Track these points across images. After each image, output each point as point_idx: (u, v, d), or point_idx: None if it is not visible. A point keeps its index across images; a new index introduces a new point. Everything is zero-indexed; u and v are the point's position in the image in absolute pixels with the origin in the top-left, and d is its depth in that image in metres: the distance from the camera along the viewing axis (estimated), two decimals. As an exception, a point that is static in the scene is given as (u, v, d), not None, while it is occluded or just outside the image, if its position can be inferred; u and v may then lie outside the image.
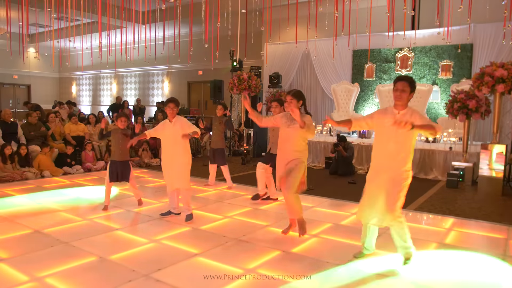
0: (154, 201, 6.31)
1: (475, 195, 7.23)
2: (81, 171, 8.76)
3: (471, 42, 10.75)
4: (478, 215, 5.81)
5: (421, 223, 5.36)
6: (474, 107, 7.89)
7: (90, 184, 7.51)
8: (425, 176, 8.86)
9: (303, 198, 6.47)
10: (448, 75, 11.11)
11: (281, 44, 13.28)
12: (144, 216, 5.47)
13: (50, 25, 17.52)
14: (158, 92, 20.04)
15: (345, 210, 5.90)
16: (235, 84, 10.23)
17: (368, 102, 12.37)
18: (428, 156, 8.91)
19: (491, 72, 7.25)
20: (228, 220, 5.32)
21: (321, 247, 4.38)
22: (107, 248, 4.19)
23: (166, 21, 13.35)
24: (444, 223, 5.35)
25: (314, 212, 5.82)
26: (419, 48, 11.56)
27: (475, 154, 8.47)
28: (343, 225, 5.18)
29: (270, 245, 4.35)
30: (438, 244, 4.48)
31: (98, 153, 9.74)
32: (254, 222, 5.21)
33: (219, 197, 6.65)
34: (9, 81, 22.97)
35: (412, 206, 6.23)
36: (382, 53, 12.14)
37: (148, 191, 7.14)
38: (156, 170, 9.21)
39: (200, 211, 5.69)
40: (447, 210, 6.03)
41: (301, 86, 13.88)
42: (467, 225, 5.30)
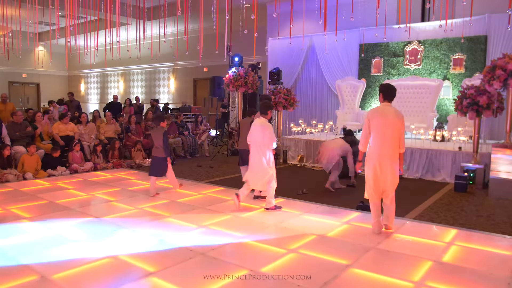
0: (129, 206, 5.84)
1: (484, 200, 6.55)
2: (67, 173, 8.36)
3: (485, 34, 10.01)
4: (485, 225, 5.17)
5: (418, 236, 4.69)
6: (485, 104, 7.19)
7: (71, 188, 7.08)
8: (432, 178, 8.20)
9: (291, 204, 5.95)
10: (461, 70, 10.38)
11: (286, 39, 12.68)
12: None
13: (56, 23, 17.31)
14: (164, 89, 19.72)
15: (336, 219, 5.32)
16: (231, 80, 9.70)
17: (375, 99, 11.71)
18: (435, 156, 8.24)
19: (504, 64, 6.55)
20: (201, 231, 4.81)
21: (297, 265, 3.83)
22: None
23: (170, 17, 12.94)
24: (445, 235, 4.71)
25: (300, 220, 5.26)
26: (429, 41, 10.85)
27: (487, 154, 7.78)
28: (329, 238, 4.61)
29: (238, 262, 3.83)
30: (433, 262, 3.88)
31: (88, 154, 9.34)
32: (229, 233, 4.69)
33: (200, 203, 6.13)
34: (19, 79, 22.97)
35: (412, 214, 5.62)
36: (390, 47, 11.45)
37: (125, 194, 6.67)
38: (147, 172, 8.73)
39: (176, 219, 5.20)
40: (451, 219, 5.39)
41: (306, 82, 13.31)
42: (471, 238, 4.64)
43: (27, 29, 14.43)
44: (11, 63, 20.45)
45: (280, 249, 4.18)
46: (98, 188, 7.07)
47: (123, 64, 21.06)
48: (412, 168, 8.47)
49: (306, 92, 13.29)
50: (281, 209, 5.74)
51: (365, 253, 4.08)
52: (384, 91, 4.62)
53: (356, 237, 4.63)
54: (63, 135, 9.20)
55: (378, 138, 4.52)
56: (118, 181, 7.75)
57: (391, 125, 4.48)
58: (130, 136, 10.26)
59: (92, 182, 7.62)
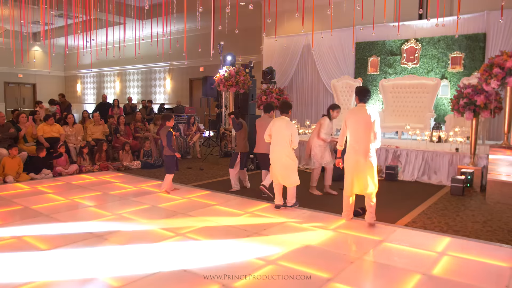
0: (106, 212, 5.55)
1: (482, 204, 6.24)
2: (50, 176, 8.08)
3: (484, 31, 9.70)
4: (481, 232, 4.86)
5: (408, 244, 4.38)
6: (482, 103, 6.87)
7: (50, 192, 6.79)
8: (429, 180, 7.90)
9: (278, 211, 5.65)
10: (459, 68, 10.07)
11: (281, 38, 12.40)
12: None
13: (51, 22, 17.09)
14: (160, 89, 19.47)
15: (324, 226, 5.02)
16: (221, 80, 9.39)
17: (372, 98, 11.40)
18: (431, 158, 7.94)
19: (501, 62, 6.24)
20: (176, 240, 4.52)
21: (273, 280, 3.52)
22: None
23: (166, 16, 12.67)
24: (438, 244, 4.41)
25: (284, 228, 4.96)
26: (427, 39, 10.54)
27: (485, 156, 7.48)
28: (313, 247, 4.30)
29: (210, 274, 3.53)
30: (422, 275, 3.57)
31: (74, 156, 9.07)
32: (205, 241, 4.40)
33: (182, 208, 5.84)
34: (14, 80, 22.74)
35: (404, 220, 5.30)
36: (387, 45, 11.15)
37: (106, 199, 6.38)
38: (134, 174, 8.48)
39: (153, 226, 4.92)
40: (445, 226, 5.09)
41: (302, 81, 13.02)
42: (465, 248, 4.32)
43: (20, 29, 14.24)
44: (6, 63, 20.27)
45: (259, 260, 3.89)
46: (79, 192, 6.79)
47: (119, 64, 20.82)
48: (407, 170, 8.17)
49: (301, 92, 13.00)
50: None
51: (349, 265, 3.79)
52: (359, 94, 5.08)
53: (341, 247, 4.34)
54: (48, 137, 8.91)
55: (353, 136, 4.98)
56: (101, 184, 7.47)
57: (364, 124, 4.89)
58: (118, 138, 9.98)
59: (74, 185, 7.34)
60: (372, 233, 4.75)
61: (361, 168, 4.93)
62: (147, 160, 9.34)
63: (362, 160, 4.91)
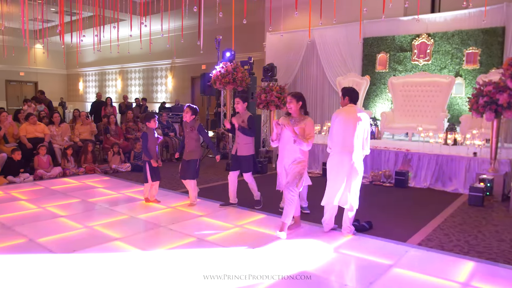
0: (77, 224, 4.89)
1: (506, 217, 5.49)
2: (30, 179, 7.45)
3: (503, 25, 8.92)
4: (510, 254, 4.10)
5: (423, 271, 3.64)
6: (505, 103, 6.13)
7: (24, 198, 6.15)
8: (443, 187, 7.15)
9: (273, 220, 4.92)
10: (475, 65, 9.29)
11: (284, 34, 11.70)
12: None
13: (51, 20, 16.59)
14: (162, 88, 18.90)
15: (324, 243, 4.31)
16: (218, 77, 8.71)
17: (380, 97, 10.67)
18: (446, 162, 7.19)
19: (529, 56, 5.50)
20: (149, 261, 3.85)
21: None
22: None
23: (167, 12, 12.06)
24: (459, 270, 3.67)
25: (278, 245, 4.26)
26: (440, 33, 9.77)
27: (507, 161, 6.74)
28: (308, 274, 3.60)
29: None
30: (443, 317, 2.87)
31: (59, 157, 8.45)
32: (184, 265, 3.73)
33: (164, 220, 5.17)
34: (16, 78, 22.35)
35: (417, 237, 4.58)
36: (397, 41, 10.39)
37: (82, 208, 5.73)
38: (121, 178, 7.83)
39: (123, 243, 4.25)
40: (466, 245, 4.35)
41: (307, 79, 12.31)
42: (493, 275, 3.55)
43: (22, 26, 13.71)
44: (8, 61, 19.79)
45: (242, 290, 3.21)
46: (56, 199, 6.14)
47: (120, 62, 20.28)
48: (419, 176, 7.43)
49: (306, 90, 12.26)
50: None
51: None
52: (350, 94, 4.66)
53: (341, 274, 3.64)
54: (31, 137, 8.29)
55: (340, 136, 4.53)
56: (83, 190, 6.82)
57: (353, 125, 4.47)
58: (108, 138, 9.35)
59: (53, 191, 6.70)
60: (380, 255, 4.03)
61: (346, 171, 4.44)
62: (137, 163, 8.69)
63: (347, 161, 4.44)
